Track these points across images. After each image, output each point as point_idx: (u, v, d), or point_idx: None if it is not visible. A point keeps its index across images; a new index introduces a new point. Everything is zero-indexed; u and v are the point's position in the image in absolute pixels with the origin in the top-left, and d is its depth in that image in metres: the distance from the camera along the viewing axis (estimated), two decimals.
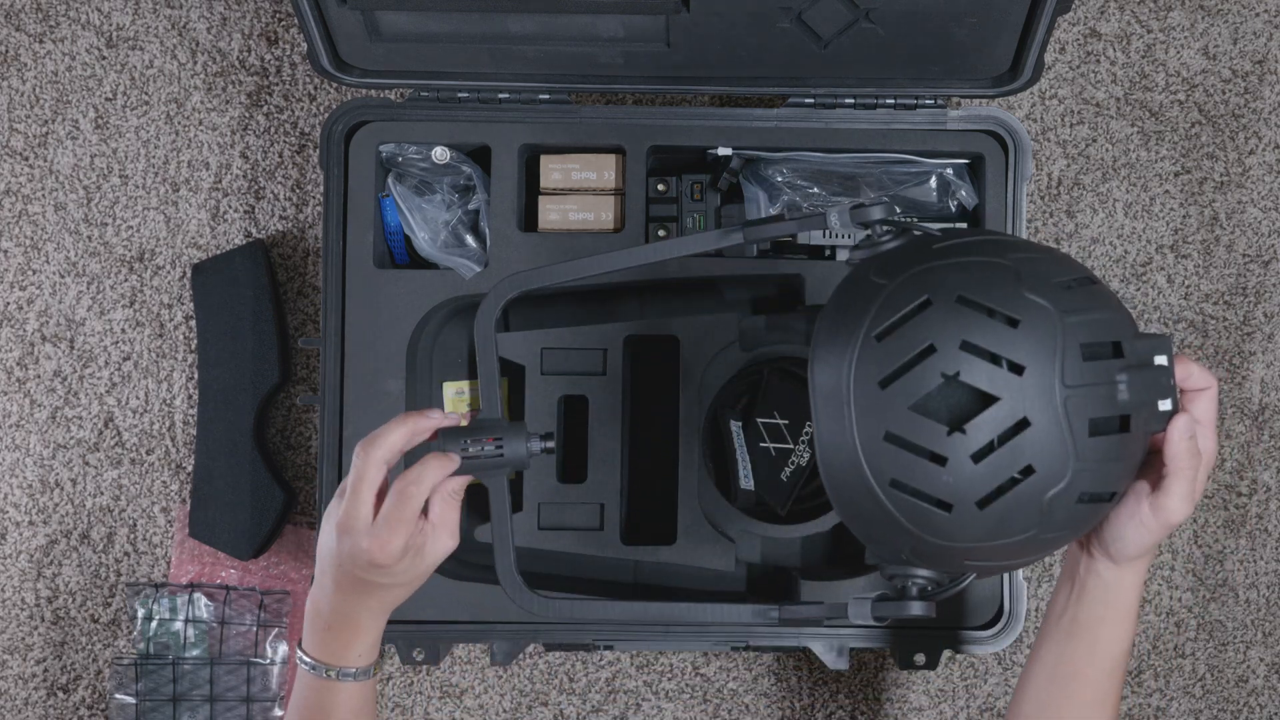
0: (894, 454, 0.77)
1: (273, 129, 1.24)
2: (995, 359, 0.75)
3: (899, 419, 0.76)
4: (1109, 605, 0.88)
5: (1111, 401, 0.76)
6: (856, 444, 0.78)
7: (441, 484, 0.88)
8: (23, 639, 1.24)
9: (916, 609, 0.83)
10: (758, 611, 0.92)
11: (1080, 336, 0.76)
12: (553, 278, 0.94)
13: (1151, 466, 0.83)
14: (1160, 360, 0.79)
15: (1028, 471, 0.75)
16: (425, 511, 0.88)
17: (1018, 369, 0.75)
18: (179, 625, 1.20)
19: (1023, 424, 0.75)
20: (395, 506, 0.86)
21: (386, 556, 0.86)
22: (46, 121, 1.24)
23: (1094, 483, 0.77)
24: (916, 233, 0.85)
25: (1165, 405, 0.79)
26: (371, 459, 0.87)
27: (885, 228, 0.85)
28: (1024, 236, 1.10)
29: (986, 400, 0.75)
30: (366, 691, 0.92)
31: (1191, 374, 0.82)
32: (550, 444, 0.92)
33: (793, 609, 0.92)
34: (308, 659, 0.91)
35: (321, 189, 1.18)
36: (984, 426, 0.75)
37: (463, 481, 0.90)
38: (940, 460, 0.76)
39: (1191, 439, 0.80)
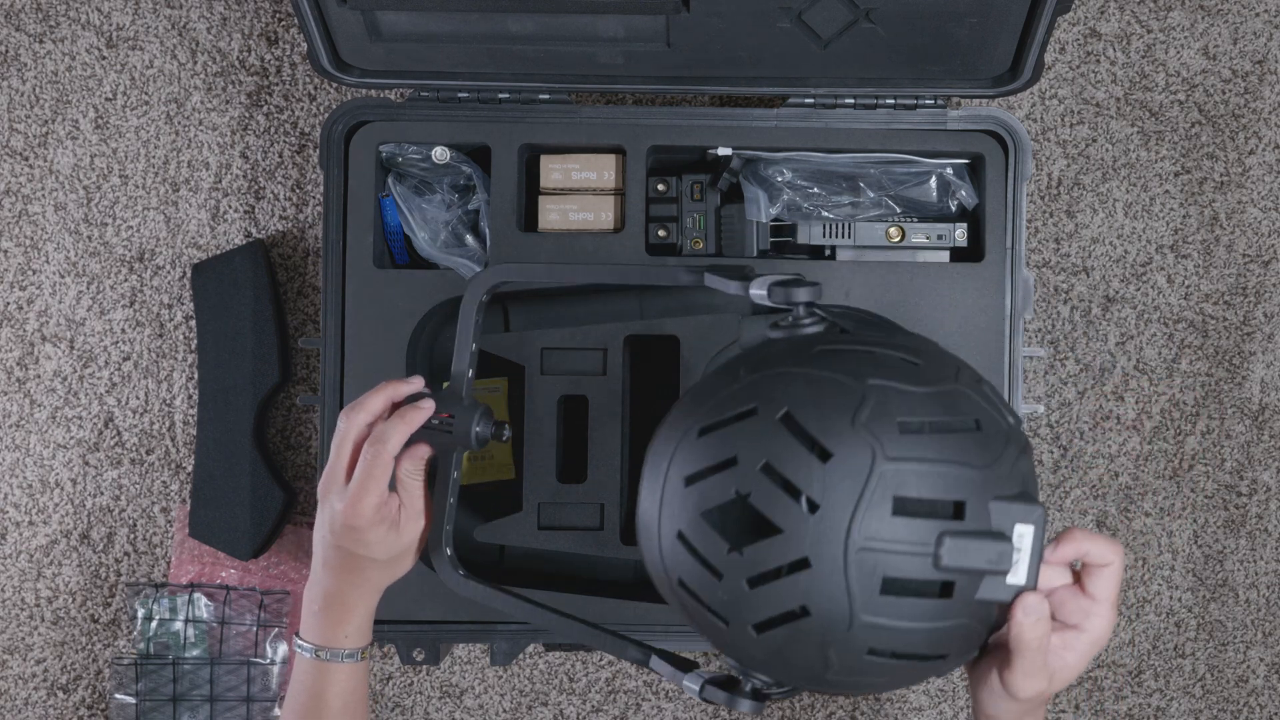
0: (682, 555, 0.74)
1: (273, 129, 1.24)
2: (793, 490, 0.70)
3: (690, 522, 0.73)
4: None
5: (918, 564, 0.70)
6: (658, 533, 0.75)
7: (399, 466, 0.91)
8: (23, 639, 1.24)
9: (744, 707, 0.79)
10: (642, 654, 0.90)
11: (899, 488, 0.69)
12: (547, 276, 0.94)
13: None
14: (1020, 530, 0.71)
15: (804, 612, 0.71)
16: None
17: (813, 506, 0.70)
18: (179, 625, 1.20)
19: (802, 564, 0.70)
20: (364, 464, 0.89)
21: (359, 517, 0.88)
22: (46, 121, 1.24)
23: (892, 641, 0.71)
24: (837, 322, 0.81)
25: (1014, 579, 0.72)
26: (354, 421, 0.90)
27: (814, 311, 0.81)
28: (1015, 245, 1.10)
29: (770, 529, 0.70)
30: (359, 674, 0.94)
31: (1090, 551, 0.74)
32: (503, 433, 0.95)
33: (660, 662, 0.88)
34: (304, 643, 0.93)
35: (321, 189, 1.18)
36: (761, 555, 0.71)
37: (420, 460, 0.92)
38: (717, 574, 0.72)
39: (1039, 620, 0.72)
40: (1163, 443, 1.24)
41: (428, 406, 0.92)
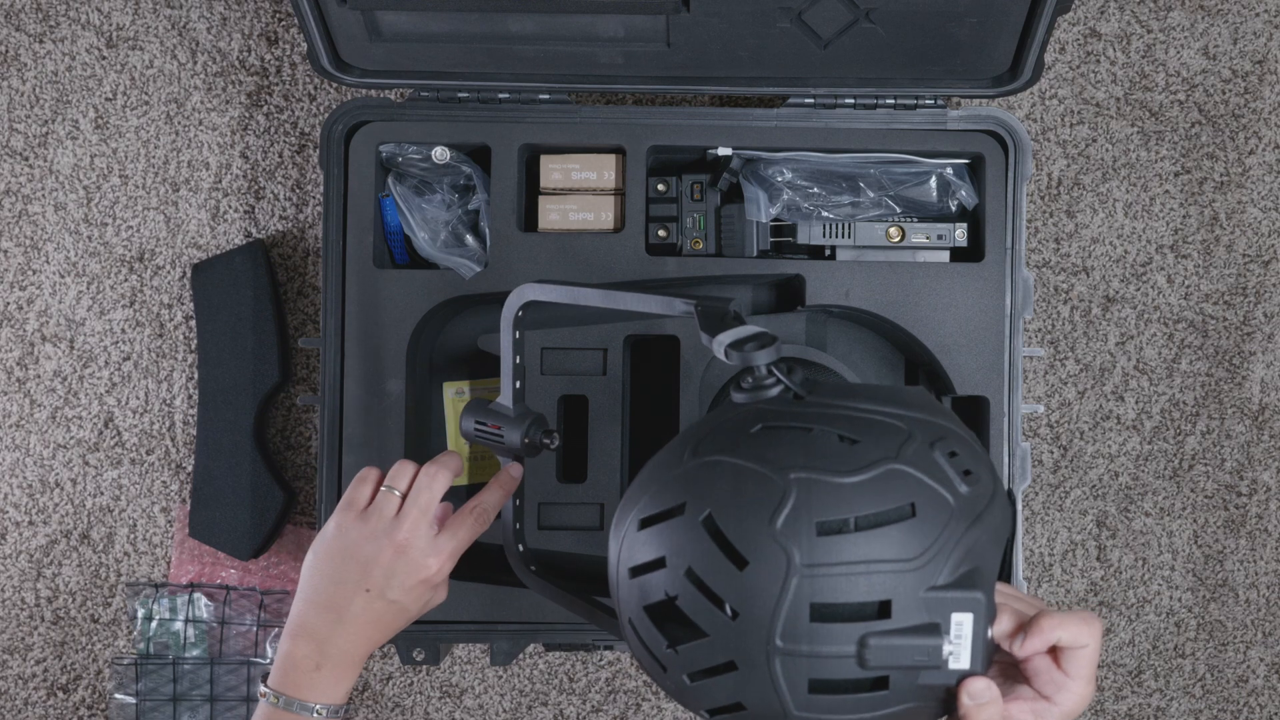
0: (635, 639, 0.75)
1: (273, 129, 1.24)
2: (714, 598, 0.69)
3: (636, 614, 0.74)
4: None
5: (845, 665, 0.68)
6: (619, 609, 0.76)
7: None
8: (23, 639, 1.24)
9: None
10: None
11: (817, 595, 0.68)
12: (571, 298, 0.93)
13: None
14: (958, 619, 0.69)
15: (739, 706, 0.71)
16: None
17: (734, 613, 0.69)
18: (179, 625, 1.20)
19: (729, 666, 0.70)
20: (469, 527, 0.91)
21: (442, 575, 0.89)
22: (46, 121, 1.24)
23: None
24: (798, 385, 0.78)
25: (957, 665, 0.69)
26: (442, 479, 0.91)
27: (772, 371, 0.78)
28: (1015, 245, 1.10)
29: (698, 632, 0.70)
30: None
31: (1062, 638, 0.71)
32: (552, 441, 0.98)
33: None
34: (293, 700, 0.87)
35: (321, 189, 1.18)
36: (693, 656, 0.71)
37: (465, 544, 0.93)
38: (662, 667, 0.73)
39: (985, 705, 0.69)
40: (1163, 443, 1.24)
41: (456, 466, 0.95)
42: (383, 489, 0.90)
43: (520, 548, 1.00)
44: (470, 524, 0.92)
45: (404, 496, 0.90)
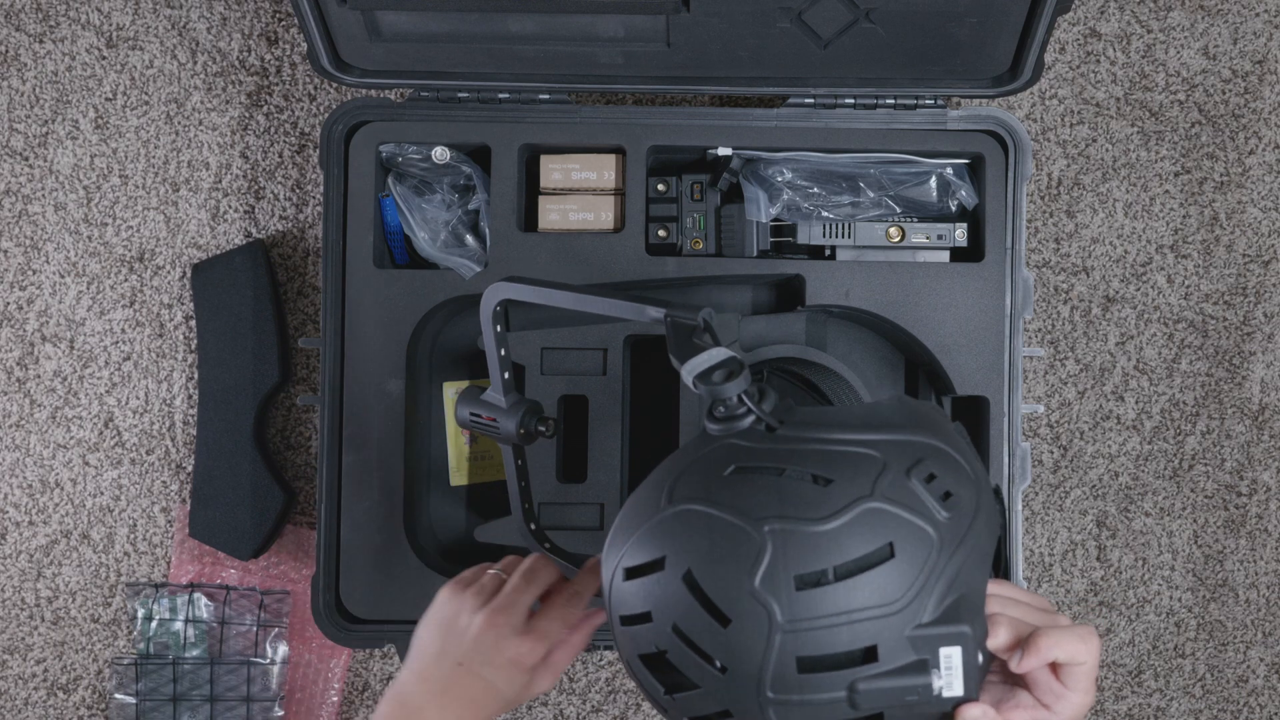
0: (636, 680, 0.76)
1: (273, 129, 1.24)
2: (701, 654, 0.70)
3: (633, 659, 0.75)
4: None
5: (837, 710, 0.69)
6: (619, 651, 0.77)
7: (574, 635, 0.90)
8: (23, 639, 1.24)
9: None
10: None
11: (801, 649, 0.68)
12: (544, 298, 0.93)
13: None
14: (946, 652, 0.69)
15: None
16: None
17: (722, 668, 0.70)
18: (179, 625, 1.20)
19: (725, 714, 0.71)
20: (561, 609, 0.88)
21: (534, 657, 0.86)
22: (46, 121, 1.24)
23: None
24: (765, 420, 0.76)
25: (950, 694, 0.69)
26: (548, 569, 0.89)
27: (743, 401, 0.76)
28: (1015, 245, 1.10)
29: (690, 684, 0.71)
30: None
31: (1059, 655, 0.71)
32: (545, 429, 0.98)
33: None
34: None
35: (321, 189, 1.18)
36: (689, 703, 0.72)
37: (589, 635, 0.92)
38: (663, 709, 0.74)
39: None
40: (1163, 443, 1.24)
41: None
42: (490, 572, 0.90)
43: (532, 526, 1.00)
44: (562, 606, 0.89)
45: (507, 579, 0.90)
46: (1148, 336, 1.24)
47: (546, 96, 1.11)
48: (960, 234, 1.11)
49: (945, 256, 1.11)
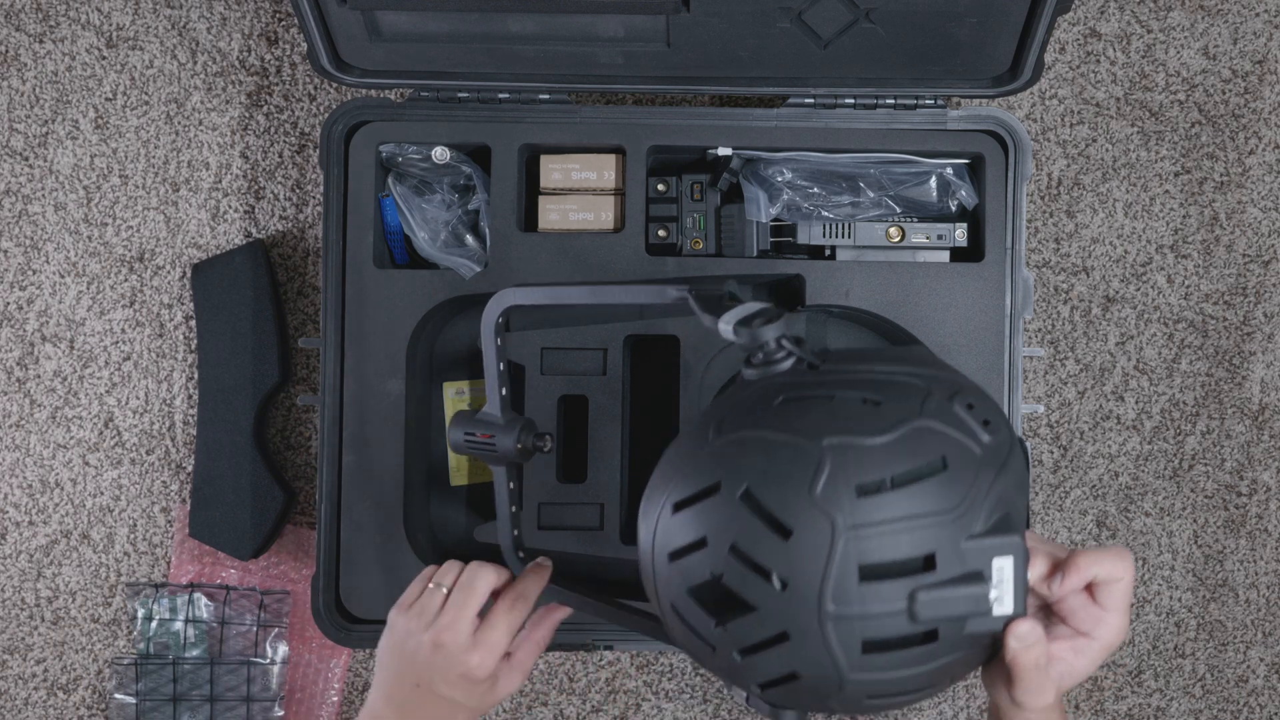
0: (679, 624, 0.75)
1: (273, 129, 1.24)
2: (760, 570, 0.70)
3: (679, 597, 0.74)
4: None
5: (896, 623, 0.70)
6: (657, 600, 0.77)
7: (534, 632, 0.91)
8: (23, 639, 1.24)
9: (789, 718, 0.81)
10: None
11: (864, 555, 0.69)
12: (554, 298, 0.94)
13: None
14: (999, 564, 0.70)
15: (793, 676, 0.72)
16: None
17: (783, 583, 0.70)
18: (179, 625, 1.20)
19: (782, 637, 0.71)
20: (505, 615, 0.88)
21: (485, 669, 0.86)
22: (46, 121, 1.24)
23: (887, 688, 0.72)
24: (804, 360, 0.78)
25: (1001, 610, 0.71)
26: (485, 576, 0.89)
27: (782, 345, 0.78)
28: (1015, 245, 1.10)
29: (746, 607, 0.71)
30: None
31: (1097, 573, 0.74)
32: (545, 444, 0.98)
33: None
34: None
35: (321, 189, 1.18)
36: (743, 631, 0.72)
37: (551, 630, 0.92)
38: (710, 646, 0.74)
39: (1032, 646, 0.72)
40: (1163, 443, 1.24)
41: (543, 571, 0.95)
42: (430, 586, 0.90)
43: (520, 555, 1.00)
44: (505, 613, 0.89)
45: (449, 592, 0.90)
46: (1148, 336, 1.24)
47: (546, 96, 1.11)
48: (960, 234, 1.11)
49: (945, 256, 1.11)
